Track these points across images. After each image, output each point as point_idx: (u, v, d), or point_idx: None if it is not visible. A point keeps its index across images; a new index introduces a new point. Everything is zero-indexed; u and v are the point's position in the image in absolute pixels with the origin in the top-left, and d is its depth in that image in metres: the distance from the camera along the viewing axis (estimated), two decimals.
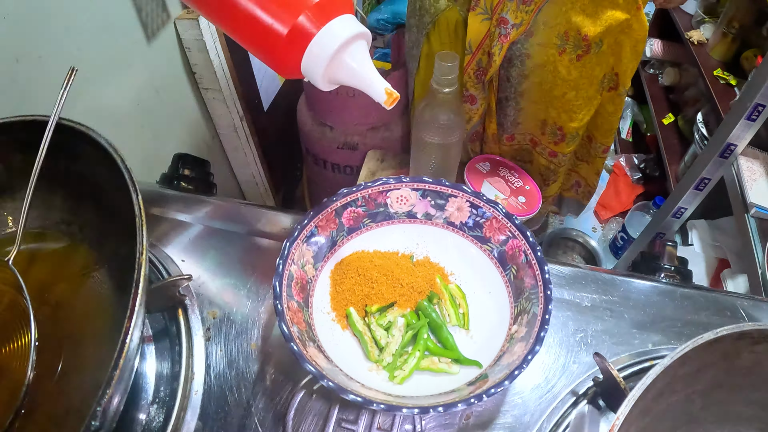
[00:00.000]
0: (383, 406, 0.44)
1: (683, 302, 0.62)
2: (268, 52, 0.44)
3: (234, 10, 0.43)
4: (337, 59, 0.43)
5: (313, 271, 0.55)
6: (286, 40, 0.42)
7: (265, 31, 0.42)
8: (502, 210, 0.56)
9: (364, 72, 0.44)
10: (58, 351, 0.53)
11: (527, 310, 0.52)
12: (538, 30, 0.84)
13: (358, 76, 0.44)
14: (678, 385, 0.45)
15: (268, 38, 0.43)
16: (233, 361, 0.56)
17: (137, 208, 0.46)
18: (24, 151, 0.56)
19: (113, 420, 0.44)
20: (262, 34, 0.43)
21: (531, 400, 0.54)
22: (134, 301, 0.41)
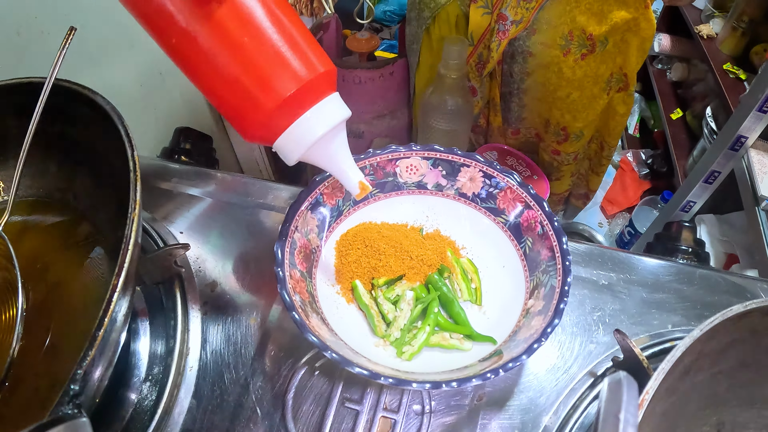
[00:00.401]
0: (392, 380, 0.40)
1: (702, 283, 0.58)
2: (240, 124, 0.39)
3: (218, 65, 0.37)
4: (316, 146, 0.40)
5: (317, 241, 0.51)
6: (264, 119, 0.37)
7: (247, 98, 0.37)
8: (517, 179, 0.52)
9: (341, 163, 0.42)
10: (47, 323, 0.49)
11: (544, 283, 0.48)
12: (540, 29, 0.80)
13: (334, 166, 0.42)
14: (704, 362, 0.42)
15: (247, 106, 0.38)
16: (231, 336, 0.52)
17: (132, 163, 0.43)
18: (19, 115, 0.52)
19: (96, 391, 0.40)
20: (243, 100, 0.37)
21: (547, 381, 0.50)
22: (124, 256, 0.37)
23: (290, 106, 0.37)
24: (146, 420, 0.48)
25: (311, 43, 0.39)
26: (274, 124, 0.38)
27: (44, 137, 0.51)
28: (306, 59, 0.37)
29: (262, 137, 0.39)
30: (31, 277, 0.52)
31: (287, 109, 0.37)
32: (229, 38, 0.36)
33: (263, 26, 0.36)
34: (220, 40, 0.36)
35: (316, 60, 0.38)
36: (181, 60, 0.38)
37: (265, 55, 0.36)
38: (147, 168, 0.66)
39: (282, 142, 0.39)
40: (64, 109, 0.51)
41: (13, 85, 0.52)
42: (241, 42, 0.36)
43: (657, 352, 0.51)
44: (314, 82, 0.37)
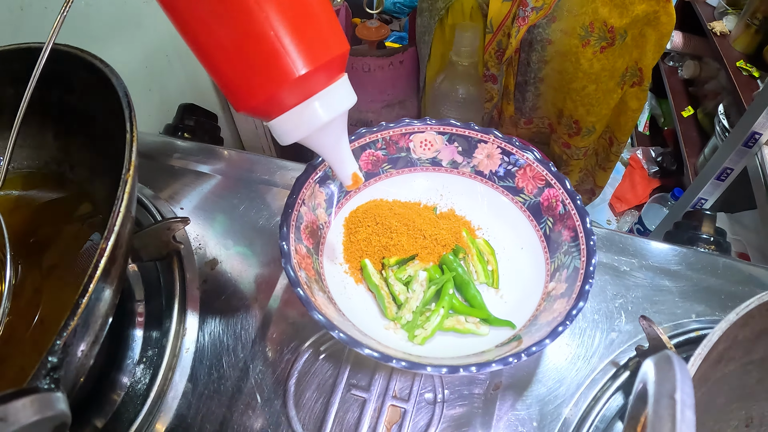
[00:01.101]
0: (405, 363, 0.35)
1: (726, 273, 0.53)
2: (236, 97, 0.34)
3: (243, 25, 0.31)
4: (319, 130, 0.35)
5: (325, 217, 0.47)
6: (294, 82, 0.32)
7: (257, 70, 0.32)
8: (537, 156, 0.47)
9: (339, 150, 0.38)
10: (36, 299, 0.46)
11: (566, 264, 0.43)
12: (561, 16, 0.78)
13: (331, 152, 0.38)
14: (737, 351, 0.39)
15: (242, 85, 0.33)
16: (231, 317, 0.48)
17: (129, 124, 0.39)
18: (16, 84, 0.48)
19: (80, 369, 0.36)
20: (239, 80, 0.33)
21: (566, 371, 0.45)
22: (114, 219, 0.33)
23: (302, 86, 0.33)
24: (138, 404, 0.44)
25: (334, 19, 0.34)
26: (279, 102, 0.33)
27: (41, 106, 0.47)
28: (327, 38, 0.33)
29: (259, 111, 0.34)
30: (23, 251, 0.48)
31: (298, 88, 0.33)
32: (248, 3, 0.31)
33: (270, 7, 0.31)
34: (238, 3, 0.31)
35: (338, 37, 0.34)
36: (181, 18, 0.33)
37: (290, 25, 0.31)
38: (149, 144, 0.62)
39: (281, 121, 0.34)
40: (63, 75, 0.47)
41: (11, 51, 0.48)
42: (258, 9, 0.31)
43: (682, 342, 0.47)
44: (332, 61, 0.33)
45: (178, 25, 0.33)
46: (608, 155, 0.98)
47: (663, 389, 0.24)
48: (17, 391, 0.23)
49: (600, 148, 0.99)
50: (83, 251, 0.49)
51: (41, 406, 0.24)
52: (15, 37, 0.69)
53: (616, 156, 0.97)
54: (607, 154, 0.98)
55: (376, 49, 1.05)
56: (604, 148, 0.98)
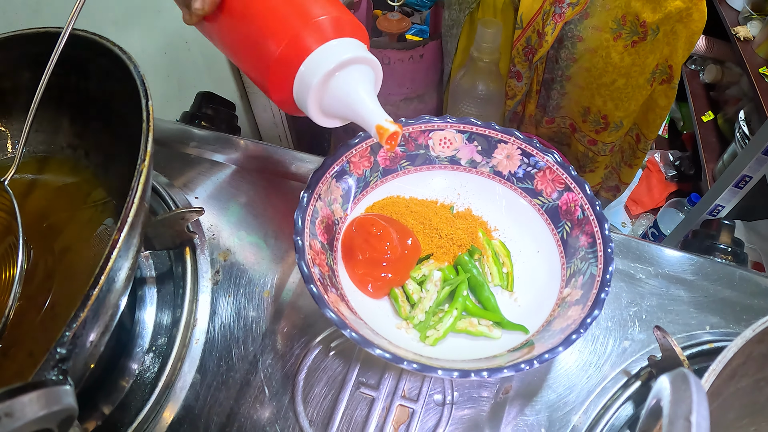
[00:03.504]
0: (416, 365, 0.35)
1: (742, 285, 0.52)
2: (262, 76, 0.38)
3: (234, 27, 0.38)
4: (329, 85, 0.36)
5: (341, 212, 0.46)
6: (277, 60, 0.36)
7: (258, 50, 0.37)
8: (557, 159, 0.46)
9: (357, 102, 0.36)
10: (49, 284, 0.45)
11: (582, 271, 0.43)
12: (594, 12, 0.77)
13: (350, 107, 0.36)
14: (751, 366, 0.38)
15: (261, 59, 0.37)
16: (242, 309, 0.47)
17: (145, 113, 0.38)
18: (34, 68, 0.48)
19: (89, 358, 0.35)
20: (257, 55, 0.37)
21: (577, 378, 0.45)
22: (128, 209, 0.33)
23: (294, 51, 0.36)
24: (146, 393, 0.44)
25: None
26: (284, 73, 0.36)
27: (58, 90, 0.47)
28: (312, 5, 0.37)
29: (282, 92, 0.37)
30: (35, 236, 0.48)
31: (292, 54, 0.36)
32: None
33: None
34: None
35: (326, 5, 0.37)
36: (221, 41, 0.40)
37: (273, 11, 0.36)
38: (166, 132, 0.61)
39: (295, 89, 0.37)
40: (80, 60, 0.47)
41: (30, 35, 0.48)
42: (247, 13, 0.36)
43: (695, 353, 0.46)
44: (317, 24, 0.36)
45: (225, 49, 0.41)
46: (635, 152, 0.97)
47: (679, 410, 0.23)
48: (24, 385, 0.23)
49: (626, 145, 0.98)
50: (96, 236, 0.49)
51: (48, 400, 0.23)
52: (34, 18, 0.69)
53: (643, 153, 0.96)
54: (634, 150, 0.97)
55: (397, 41, 1.04)
56: (631, 146, 0.97)
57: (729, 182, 1.02)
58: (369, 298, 0.44)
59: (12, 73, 0.51)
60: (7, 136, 0.55)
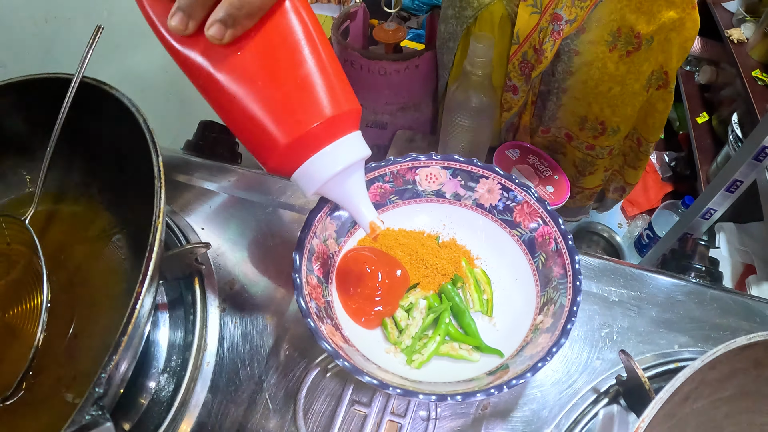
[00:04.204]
0: (399, 390, 0.41)
1: (713, 304, 0.58)
2: (259, 152, 0.40)
3: (236, 103, 0.37)
4: (332, 182, 0.40)
5: (335, 246, 0.52)
6: (284, 149, 0.38)
7: (262, 132, 0.38)
8: (535, 194, 0.52)
9: (355, 201, 0.43)
10: (70, 314, 0.52)
11: (554, 300, 0.49)
12: (590, 27, 0.81)
13: (349, 203, 0.43)
14: (705, 390, 0.43)
15: (263, 139, 0.38)
16: (248, 334, 0.54)
17: (157, 170, 0.44)
18: (46, 110, 0.54)
19: (119, 387, 0.42)
20: (259, 134, 0.38)
21: (550, 395, 0.51)
22: (147, 265, 0.39)
23: (307, 141, 0.38)
24: (163, 411, 0.51)
25: (339, 79, 0.39)
26: (290, 158, 0.39)
27: (70, 132, 0.52)
28: (330, 96, 0.38)
29: (279, 169, 0.40)
30: (55, 267, 0.54)
31: (304, 144, 0.38)
32: (248, 72, 0.37)
33: (287, 60, 0.37)
34: (238, 73, 0.37)
35: (340, 98, 0.39)
36: (212, 102, 0.40)
37: (285, 88, 0.37)
38: (170, 161, 0.67)
39: (298, 175, 0.40)
40: (91, 105, 0.52)
41: (42, 79, 0.54)
42: (257, 77, 0.37)
43: (662, 372, 0.52)
44: (335, 120, 0.38)
45: (216, 110, 0.40)
46: (637, 155, 1.01)
47: None
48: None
49: (627, 149, 1.02)
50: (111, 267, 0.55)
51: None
52: (41, 47, 0.74)
53: (646, 155, 1.00)
54: (636, 154, 1.01)
55: (393, 51, 1.08)
56: (632, 149, 1.01)
57: (721, 186, 1.07)
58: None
59: (24, 114, 0.57)
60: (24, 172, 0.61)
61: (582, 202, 1.10)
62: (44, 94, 0.53)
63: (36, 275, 0.52)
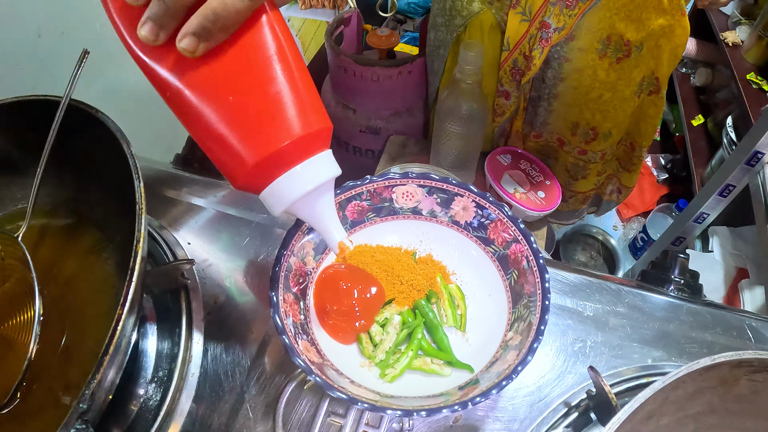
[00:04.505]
0: (367, 405, 0.43)
1: (689, 318, 0.60)
2: (227, 170, 0.39)
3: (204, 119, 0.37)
4: (301, 201, 0.41)
5: (312, 263, 0.55)
6: (253, 168, 0.38)
7: (231, 150, 0.37)
8: (508, 213, 0.54)
9: (324, 221, 0.44)
10: (61, 326, 0.54)
11: (524, 317, 0.51)
12: (580, 35, 0.83)
13: (318, 223, 0.45)
14: (669, 408, 0.45)
15: (231, 157, 0.38)
16: (231, 346, 0.56)
17: (138, 196, 0.46)
18: (35, 129, 0.56)
19: (104, 400, 0.45)
20: (227, 152, 0.38)
21: (522, 408, 0.53)
22: (128, 288, 0.41)
23: (277, 161, 0.38)
24: (150, 419, 0.53)
25: (310, 97, 0.39)
26: (258, 177, 0.39)
27: (60, 151, 0.54)
28: (301, 114, 0.38)
29: (247, 188, 0.40)
30: (47, 281, 0.56)
31: (273, 163, 0.38)
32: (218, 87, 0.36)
33: (258, 77, 0.37)
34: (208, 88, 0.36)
35: (311, 116, 0.39)
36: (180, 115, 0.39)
37: (255, 106, 0.37)
38: (159, 175, 0.70)
39: (266, 194, 0.40)
40: (79, 127, 0.54)
41: (31, 101, 0.56)
42: (227, 93, 0.36)
43: (633, 386, 0.54)
44: (305, 139, 0.38)
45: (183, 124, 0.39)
46: (631, 159, 1.03)
47: None
48: None
49: (621, 153, 1.04)
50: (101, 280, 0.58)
51: None
52: (35, 61, 0.77)
53: (639, 159, 1.02)
54: (630, 158, 1.03)
55: (386, 56, 1.10)
56: (626, 153, 1.03)
57: (714, 190, 1.08)
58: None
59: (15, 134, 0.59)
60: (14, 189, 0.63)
61: (575, 205, 1.12)
62: (33, 116, 0.56)
63: (29, 289, 0.54)
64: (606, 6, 0.78)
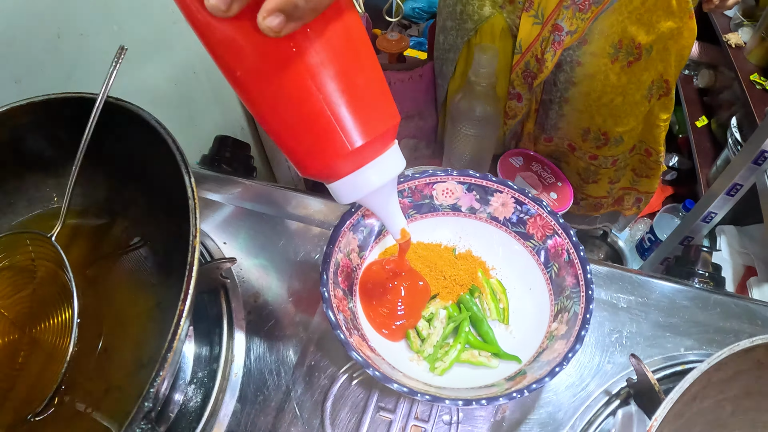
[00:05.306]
0: (428, 397, 0.45)
1: (716, 308, 0.63)
2: (302, 157, 0.40)
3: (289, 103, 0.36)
4: (373, 193, 0.42)
5: (357, 260, 0.57)
6: (344, 156, 0.38)
7: (315, 138, 0.38)
8: (547, 208, 0.57)
9: (389, 210, 0.46)
10: (98, 328, 0.55)
11: (568, 308, 0.53)
12: (592, 39, 0.85)
13: (383, 212, 0.46)
14: (711, 390, 0.47)
15: (312, 145, 0.38)
16: (273, 345, 0.58)
17: (190, 191, 0.47)
18: (69, 128, 0.57)
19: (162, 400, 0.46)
20: (309, 139, 0.38)
21: (565, 398, 0.55)
22: (188, 284, 0.42)
23: (356, 157, 0.39)
24: (193, 420, 0.54)
25: (385, 93, 0.40)
26: (336, 170, 0.40)
27: (94, 150, 0.55)
28: (380, 111, 0.39)
29: (319, 177, 0.41)
30: (80, 282, 0.56)
31: (352, 159, 0.39)
32: (305, 84, 0.35)
33: (347, 66, 0.36)
34: (295, 84, 0.35)
35: (388, 112, 0.40)
36: (248, 98, 0.38)
37: (346, 96, 0.36)
38: None
39: (339, 185, 0.41)
40: (115, 125, 0.55)
41: (65, 98, 0.57)
42: (315, 90, 0.35)
43: (669, 374, 0.57)
44: (383, 134, 0.39)
45: (250, 107, 0.39)
46: (649, 165, 1.05)
47: None
48: None
49: (636, 163, 1.06)
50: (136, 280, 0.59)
51: None
52: (54, 62, 0.78)
53: (658, 164, 1.04)
54: (648, 164, 1.05)
55: (396, 60, 1.13)
56: (642, 161, 1.05)
57: (721, 190, 1.12)
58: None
59: (48, 133, 0.60)
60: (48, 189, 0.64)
61: (587, 210, 1.15)
62: (67, 114, 0.57)
63: (62, 290, 0.54)
64: (618, 10, 0.81)
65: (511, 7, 0.87)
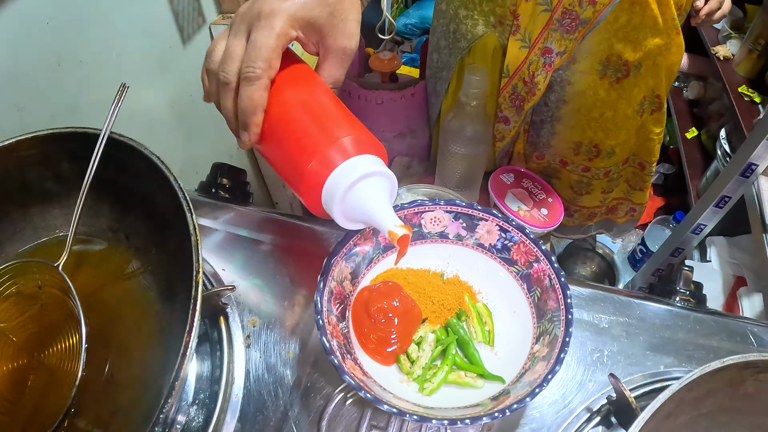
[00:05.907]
0: (416, 417, 0.50)
1: (696, 326, 0.67)
2: (296, 185, 0.51)
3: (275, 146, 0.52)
4: (349, 195, 0.49)
5: (350, 287, 0.61)
6: (308, 173, 0.48)
7: (294, 165, 0.50)
8: (530, 235, 0.61)
9: (376, 207, 0.50)
10: (104, 353, 0.58)
11: (549, 331, 0.58)
12: (581, 57, 0.89)
13: (366, 213, 0.50)
14: (685, 408, 0.51)
15: (295, 171, 0.50)
16: (272, 367, 0.62)
17: (192, 227, 0.52)
18: (73, 161, 0.61)
19: (170, 424, 0.50)
20: (293, 168, 0.50)
21: (548, 415, 0.60)
22: (192, 317, 0.47)
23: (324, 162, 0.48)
24: None
25: (341, 109, 0.53)
26: (313, 180, 0.49)
27: (97, 182, 0.59)
28: (335, 123, 0.51)
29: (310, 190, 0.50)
30: (86, 309, 0.59)
31: (323, 165, 0.48)
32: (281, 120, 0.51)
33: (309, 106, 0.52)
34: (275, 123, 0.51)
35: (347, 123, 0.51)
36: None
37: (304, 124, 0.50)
38: None
39: (323, 198, 0.49)
40: (117, 159, 0.59)
41: (69, 133, 0.61)
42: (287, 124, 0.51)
43: (648, 391, 0.61)
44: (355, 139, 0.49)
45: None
46: (642, 178, 1.09)
47: None
48: None
49: (630, 175, 1.10)
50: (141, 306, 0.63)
51: None
52: (55, 90, 0.82)
53: (650, 176, 1.08)
54: (641, 176, 1.09)
55: (389, 79, 1.17)
56: (636, 174, 1.09)
57: (710, 202, 1.17)
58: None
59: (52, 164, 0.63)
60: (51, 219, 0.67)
61: (580, 220, 1.19)
62: (71, 146, 0.61)
63: (69, 316, 0.58)
64: (604, 28, 0.85)
65: (501, 29, 0.90)
